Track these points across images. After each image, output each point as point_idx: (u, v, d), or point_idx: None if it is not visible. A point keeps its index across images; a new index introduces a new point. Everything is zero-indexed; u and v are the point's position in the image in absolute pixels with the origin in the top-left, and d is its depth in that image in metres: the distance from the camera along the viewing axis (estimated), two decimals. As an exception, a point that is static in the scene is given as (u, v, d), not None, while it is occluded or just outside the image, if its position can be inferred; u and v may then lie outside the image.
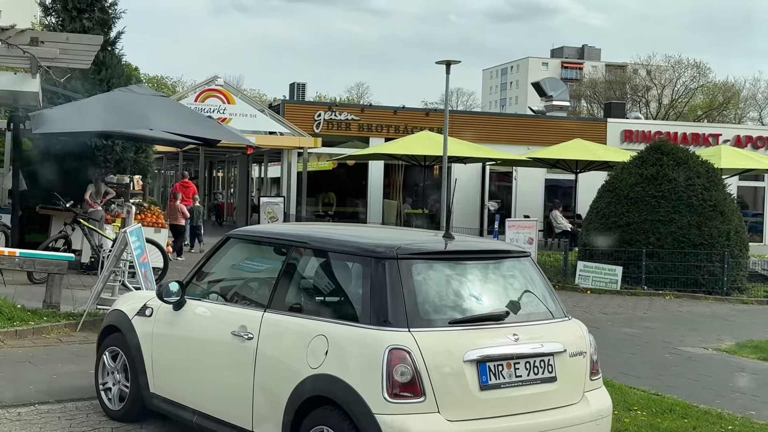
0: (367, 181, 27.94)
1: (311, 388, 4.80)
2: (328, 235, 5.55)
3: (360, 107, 29.26)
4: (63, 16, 19.75)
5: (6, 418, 6.39)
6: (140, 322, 6.30)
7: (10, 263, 9.98)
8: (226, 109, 23.92)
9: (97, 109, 13.15)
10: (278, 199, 24.87)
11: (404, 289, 4.75)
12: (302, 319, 5.10)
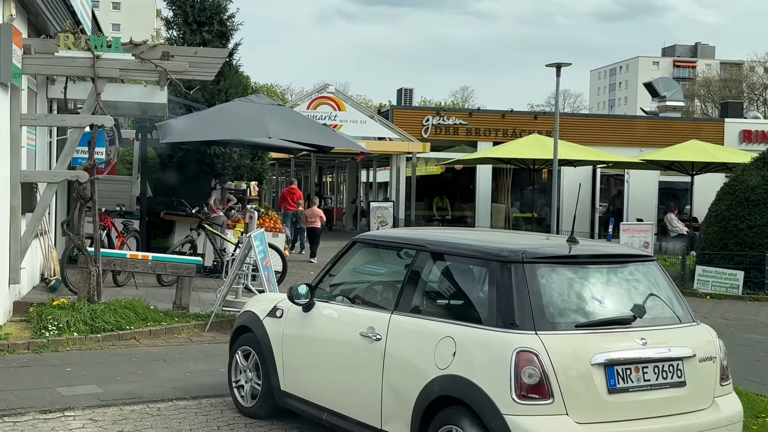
0: (474, 185, 27.94)
1: (439, 388, 4.94)
2: (453, 240, 5.69)
3: (468, 111, 29.28)
4: (184, 29, 20.67)
5: (147, 413, 6.81)
6: (271, 322, 6.60)
7: (143, 266, 10.55)
8: (336, 116, 24.41)
9: (219, 119, 13.71)
10: (387, 203, 25.20)
11: (530, 293, 4.84)
12: (429, 321, 5.25)
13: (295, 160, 31.30)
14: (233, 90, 20.08)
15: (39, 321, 9.19)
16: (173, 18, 21.15)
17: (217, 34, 20.79)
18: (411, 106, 33.09)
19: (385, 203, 25.15)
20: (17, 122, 9.38)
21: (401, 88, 35.54)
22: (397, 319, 5.44)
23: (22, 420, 6.47)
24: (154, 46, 10.00)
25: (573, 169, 25.68)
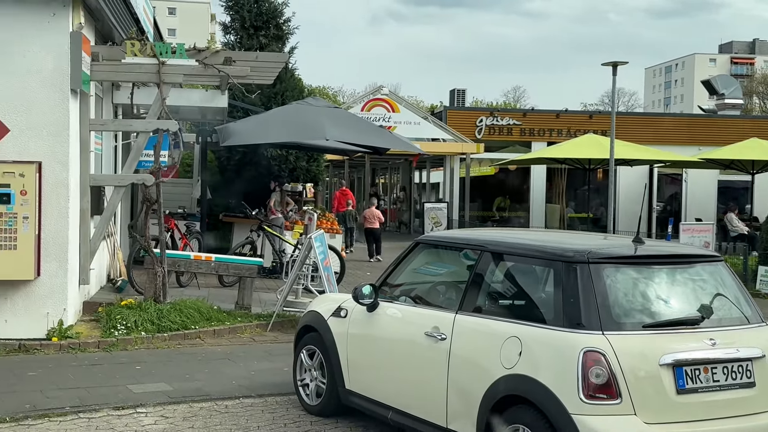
0: (529, 185, 27.81)
1: (505, 387, 4.99)
2: (517, 240, 5.74)
3: (522, 112, 29.16)
4: (241, 33, 21.00)
5: (215, 410, 6.98)
6: (335, 322, 6.71)
7: (206, 267, 10.78)
8: (390, 117, 24.53)
9: (278, 122, 13.94)
10: (441, 204, 25.23)
11: (596, 293, 4.86)
12: (494, 321, 5.30)
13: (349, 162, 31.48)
14: (289, 93, 20.33)
15: (108, 320, 9.46)
16: (230, 23, 21.49)
17: (273, 37, 21.07)
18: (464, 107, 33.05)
19: (439, 204, 25.19)
20: (86, 127, 9.67)
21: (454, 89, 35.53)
22: (461, 319, 5.51)
23: (96, 416, 6.70)
24: (216, 51, 10.21)
25: (629, 168, 25.38)
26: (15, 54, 8.93)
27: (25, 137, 8.99)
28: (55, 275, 9.10)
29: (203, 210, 15.20)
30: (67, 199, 9.14)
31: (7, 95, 8.93)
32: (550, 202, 27.98)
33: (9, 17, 8.88)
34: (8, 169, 8.69)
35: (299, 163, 20.61)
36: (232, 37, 21.54)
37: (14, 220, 8.70)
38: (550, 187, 28.07)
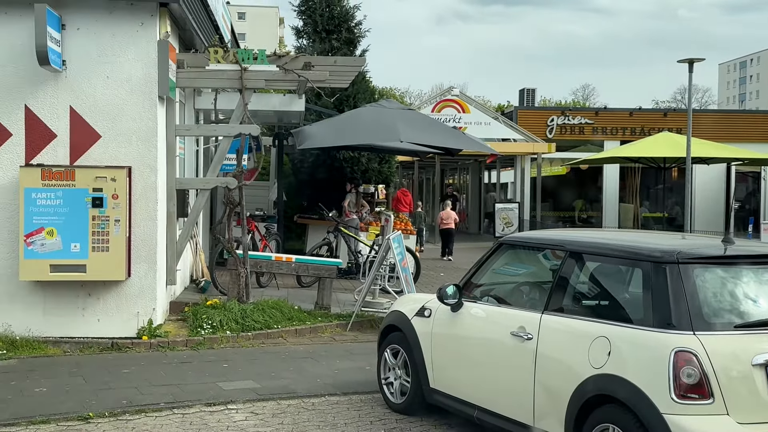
0: (601, 184, 27.48)
1: (594, 387, 5.03)
2: (604, 241, 5.75)
3: (594, 110, 28.82)
4: (313, 37, 21.31)
5: (303, 408, 7.16)
6: (419, 322, 6.83)
7: (287, 268, 11.02)
8: (461, 118, 24.55)
9: (353, 124, 14.14)
10: (513, 204, 25.13)
11: (686, 294, 4.86)
12: (581, 321, 5.34)
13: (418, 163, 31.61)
14: (361, 95, 20.53)
15: (194, 320, 9.76)
16: (303, 27, 21.84)
17: (345, 41, 21.33)
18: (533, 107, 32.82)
19: (510, 204, 25.09)
20: (172, 133, 10.00)
21: (523, 89, 35.27)
22: (548, 319, 5.56)
23: (190, 412, 6.95)
24: (296, 57, 10.43)
25: (705, 167, 24.89)
26: (106, 63, 9.29)
27: (115, 143, 9.35)
28: (145, 276, 9.44)
29: (280, 212, 15.49)
30: (156, 203, 9.47)
31: (98, 103, 9.30)
32: (623, 201, 27.61)
33: (101, 28, 9.25)
34: (101, 174, 9.05)
35: (371, 165, 20.80)
36: (304, 41, 21.88)
37: (106, 223, 9.06)
38: (623, 186, 27.70)
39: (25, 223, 8.90)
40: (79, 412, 6.79)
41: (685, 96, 74.78)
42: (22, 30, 9.05)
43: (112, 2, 9.21)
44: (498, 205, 25.31)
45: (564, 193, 29.39)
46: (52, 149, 9.23)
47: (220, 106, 12.22)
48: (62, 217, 8.97)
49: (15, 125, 9.18)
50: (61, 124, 9.24)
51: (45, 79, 9.16)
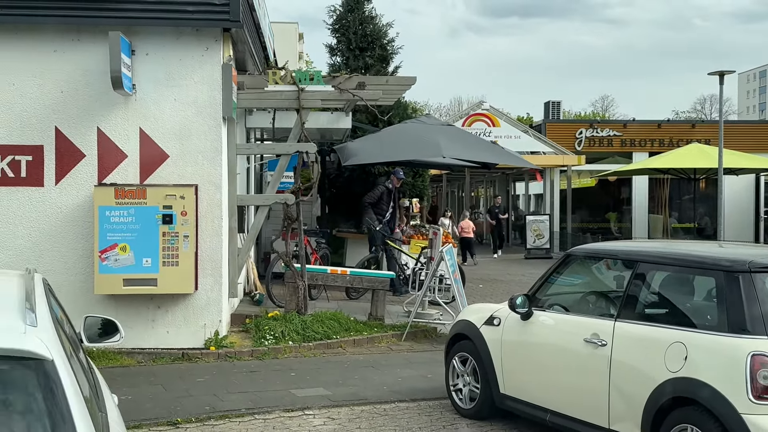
0: (630, 196, 27.71)
1: (672, 390, 5.34)
2: (674, 252, 6.09)
3: (622, 122, 29.07)
4: (347, 55, 21.76)
5: (375, 413, 7.51)
6: (488, 330, 7.16)
7: (342, 281, 11.40)
8: (491, 132, 24.89)
9: (395, 140, 14.54)
10: (544, 216, 25.41)
11: (759, 300, 5.18)
12: (656, 327, 5.66)
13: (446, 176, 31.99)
14: (395, 111, 20.94)
15: (257, 331, 10.14)
16: (336, 45, 22.30)
17: (378, 58, 21.76)
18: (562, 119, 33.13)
19: (541, 216, 25.37)
20: (233, 151, 10.41)
21: (548, 101, 35.61)
22: (621, 326, 5.88)
23: (270, 417, 7.31)
24: (349, 77, 10.83)
25: (735, 177, 25.05)
26: (173, 87, 9.73)
27: (182, 162, 9.77)
28: (211, 289, 9.83)
29: (323, 226, 15.88)
30: (221, 219, 9.88)
31: (166, 124, 9.73)
32: (652, 212, 27.81)
33: (168, 54, 9.68)
34: (170, 192, 9.46)
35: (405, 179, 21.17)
36: (338, 59, 22.33)
37: (176, 239, 9.46)
38: (652, 197, 27.90)
39: (100, 240, 9.32)
40: (167, 417, 7.17)
41: (706, 106, 74.04)
42: (94, 55, 9.51)
43: (179, 29, 9.65)
44: (529, 217, 25.59)
45: (591, 204, 29.61)
46: (122, 169, 9.66)
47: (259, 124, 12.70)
48: (134, 234, 9.38)
49: (88, 146, 9.62)
50: (131, 144, 9.67)
51: (116, 102, 9.60)
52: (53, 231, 9.57)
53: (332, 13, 22.31)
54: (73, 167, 9.59)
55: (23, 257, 9.43)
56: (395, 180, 14.71)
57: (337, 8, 22.21)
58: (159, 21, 9.53)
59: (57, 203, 9.59)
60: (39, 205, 9.56)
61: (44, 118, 9.53)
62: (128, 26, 9.44)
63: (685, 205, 27.34)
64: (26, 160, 9.52)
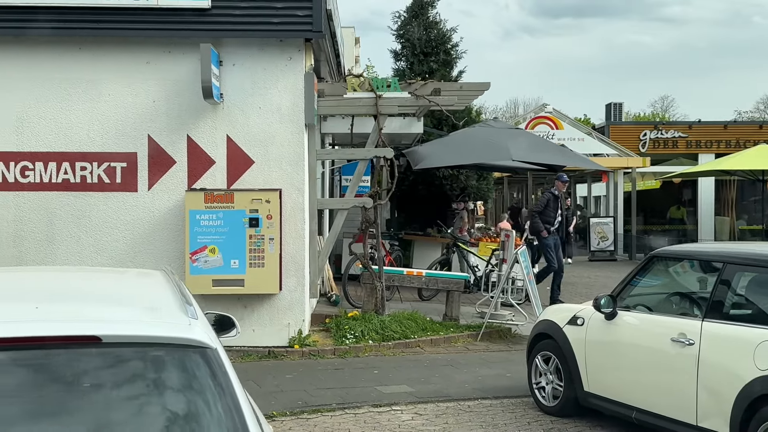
0: (695, 198, 27.45)
1: (760, 387, 5.49)
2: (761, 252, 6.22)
3: (687, 124, 28.79)
4: (412, 60, 22.06)
5: (460, 410, 7.77)
6: (572, 330, 7.37)
7: (418, 282, 11.70)
8: (554, 134, 24.90)
9: (464, 144, 14.77)
10: (608, 219, 25.35)
11: None
12: (744, 327, 5.82)
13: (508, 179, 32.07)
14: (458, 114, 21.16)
15: (337, 330, 10.49)
16: (401, 50, 22.63)
17: (442, 63, 22.01)
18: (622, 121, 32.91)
19: (605, 219, 25.33)
20: (314, 156, 10.79)
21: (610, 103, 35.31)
22: (709, 325, 6.04)
23: (360, 412, 7.63)
24: (424, 84, 11.13)
25: (804, 178, 24.67)
26: (258, 95, 10.14)
27: (267, 167, 10.17)
28: (294, 290, 10.21)
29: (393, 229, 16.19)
30: (303, 222, 10.26)
31: (252, 131, 10.15)
32: (718, 214, 27.51)
33: (254, 64, 10.10)
34: (256, 196, 9.87)
35: (469, 182, 21.36)
36: (402, 64, 22.65)
37: (262, 241, 9.86)
38: (719, 199, 27.60)
39: (191, 242, 9.77)
40: (264, 411, 7.51)
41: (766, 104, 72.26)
42: (184, 66, 9.97)
43: (263, 40, 10.05)
44: (593, 220, 25.56)
45: (655, 207, 29.38)
46: (211, 174, 10.10)
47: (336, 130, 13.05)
48: (223, 236, 9.81)
49: (178, 153, 10.08)
50: (219, 151, 10.11)
51: (204, 111, 10.05)
52: (146, 234, 10.06)
53: (397, 19, 22.67)
54: (165, 173, 10.07)
55: (119, 259, 9.93)
56: (560, 185, 14.58)
57: (402, 14, 22.56)
58: (246, 33, 9.95)
59: (149, 208, 10.07)
60: (133, 210, 10.05)
61: (138, 126, 10.03)
62: (216, 38, 9.87)
63: (752, 207, 26.99)
64: (121, 166, 10.03)
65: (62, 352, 2.90)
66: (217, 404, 2.97)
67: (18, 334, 2.88)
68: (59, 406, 2.81)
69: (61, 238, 9.96)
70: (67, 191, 9.95)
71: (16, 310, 3.30)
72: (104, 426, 2.81)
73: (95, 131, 9.99)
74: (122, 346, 3.00)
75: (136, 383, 2.96)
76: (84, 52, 9.92)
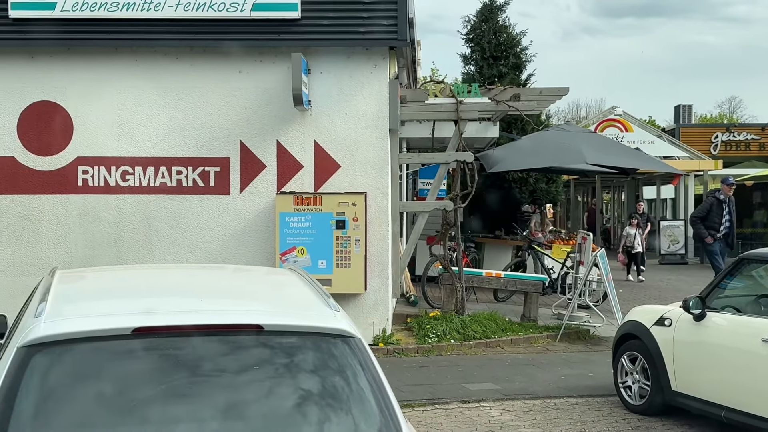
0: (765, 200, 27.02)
1: None
2: None
3: (760, 126, 28.33)
4: (481, 64, 22.28)
5: (547, 407, 7.99)
6: (659, 330, 7.53)
7: (496, 283, 11.94)
8: (624, 137, 24.81)
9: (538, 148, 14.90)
10: (678, 222, 25.15)
11: None
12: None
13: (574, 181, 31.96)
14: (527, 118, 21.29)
15: (419, 329, 10.79)
16: (470, 54, 22.87)
17: (512, 66, 22.18)
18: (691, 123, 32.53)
19: (676, 222, 25.12)
20: (396, 161, 11.12)
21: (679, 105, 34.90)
22: (800, 326, 6.17)
23: (450, 407, 7.91)
24: (504, 89, 11.37)
25: None
26: (345, 102, 10.51)
27: (352, 171, 10.54)
28: (378, 290, 10.55)
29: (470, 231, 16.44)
30: (387, 224, 10.59)
31: (338, 136, 10.53)
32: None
33: (340, 71, 10.48)
34: (343, 199, 10.24)
35: (539, 185, 21.46)
36: (472, 68, 22.88)
37: (348, 243, 10.23)
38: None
39: (280, 243, 10.19)
40: (358, 405, 7.86)
41: None
42: (273, 75, 10.40)
43: (350, 48, 10.42)
44: (663, 223, 25.36)
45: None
46: (299, 178, 10.51)
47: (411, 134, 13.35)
48: (311, 238, 10.21)
49: (268, 158, 10.51)
50: (307, 156, 10.51)
51: (293, 117, 10.46)
52: (238, 235, 10.51)
53: (466, 24, 22.90)
54: (255, 177, 10.51)
55: (213, 259, 10.40)
56: (726, 188, 14.35)
57: (471, 18, 22.78)
58: (333, 42, 10.33)
59: (241, 210, 10.52)
60: (225, 212, 10.52)
61: (230, 132, 10.49)
62: (305, 47, 10.27)
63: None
64: (214, 170, 10.50)
65: (230, 338, 3.27)
66: (365, 387, 3.30)
67: (204, 322, 3.26)
68: (233, 381, 3.18)
69: (158, 239, 10.48)
70: (164, 194, 10.46)
71: (186, 303, 3.68)
72: (268, 397, 3.16)
73: (191, 137, 10.48)
74: (280, 335, 3.35)
75: (292, 366, 3.31)
76: (181, 62, 10.43)
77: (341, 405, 3.24)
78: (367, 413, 3.26)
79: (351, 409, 3.26)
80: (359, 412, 3.25)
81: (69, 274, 4.28)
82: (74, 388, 3.04)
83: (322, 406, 3.23)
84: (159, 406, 3.03)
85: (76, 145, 10.42)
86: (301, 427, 3.11)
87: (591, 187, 37.07)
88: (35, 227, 10.42)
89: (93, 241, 10.42)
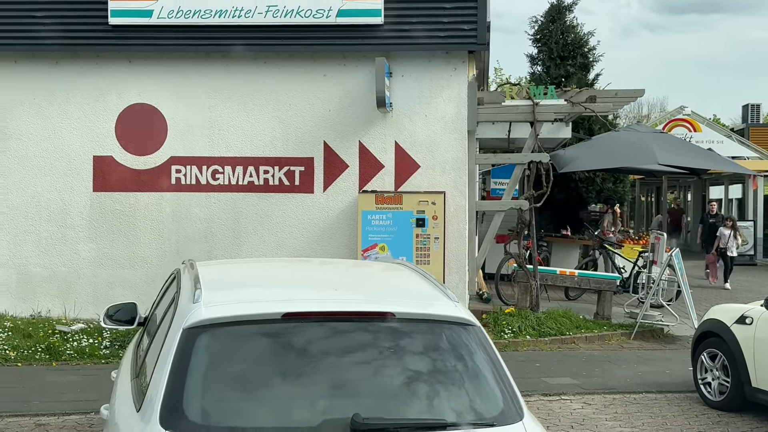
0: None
1: None
2: None
3: (833, 125, 27.91)
4: (548, 64, 22.44)
5: (627, 401, 8.21)
6: (740, 328, 7.71)
7: (571, 281, 12.16)
8: (692, 137, 24.64)
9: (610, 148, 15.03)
10: (748, 222, 24.89)
11: None
12: None
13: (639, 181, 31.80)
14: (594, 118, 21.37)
15: (495, 325, 11.08)
16: (537, 54, 23.04)
17: (579, 66, 22.30)
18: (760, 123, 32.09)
19: (745, 222, 24.86)
20: (473, 161, 11.43)
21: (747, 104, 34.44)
22: None
23: (532, 400, 8.19)
24: (580, 91, 11.59)
25: None
26: (425, 104, 10.87)
27: (431, 171, 10.88)
28: (456, 286, 10.87)
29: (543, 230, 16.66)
30: (465, 222, 10.91)
31: (418, 138, 10.89)
32: None
33: (421, 74, 10.84)
34: (423, 198, 10.59)
35: (605, 185, 21.53)
36: (539, 68, 23.06)
37: (427, 240, 10.58)
38: None
39: (363, 240, 10.59)
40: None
41: None
42: (356, 78, 10.81)
43: (430, 52, 10.77)
44: (733, 224, 25.09)
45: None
46: (380, 178, 10.90)
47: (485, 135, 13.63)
48: (392, 235, 10.58)
49: (351, 158, 10.93)
50: (388, 156, 10.90)
51: (374, 118, 10.85)
52: (321, 232, 10.94)
53: (534, 24, 23.09)
54: (338, 176, 10.93)
55: (297, 254, 10.86)
56: None
57: (539, 19, 22.94)
58: (414, 46, 10.70)
59: (324, 208, 10.95)
60: (309, 210, 10.96)
61: (314, 133, 10.93)
62: (387, 51, 10.65)
63: None
64: (299, 170, 10.96)
65: (367, 324, 3.65)
66: (486, 371, 3.64)
67: (345, 309, 3.67)
68: (373, 361, 3.56)
69: (246, 235, 10.98)
70: (251, 192, 10.95)
71: (323, 293, 4.09)
72: (402, 376, 3.54)
73: (277, 138, 10.95)
74: (409, 322, 3.72)
75: (422, 349, 3.67)
76: (268, 66, 10.91)
77: (464, 385, 3.59)
78: (489, 395, 3.60)
79: (474, 390, 3.60)
80: (482, 393, 3.59)
81: (209, 266, 4.72)
82: (232, 361, 3.47)
83: (448, 385, 3.58)
84: (310, 377, 3.43)
85: (170, 145, 10.98)
86: (432, 400, 3.47)
87: (656, 187, 36.76)
88: (131, 223, 11.01)
89: (185, 236, 10.96)
